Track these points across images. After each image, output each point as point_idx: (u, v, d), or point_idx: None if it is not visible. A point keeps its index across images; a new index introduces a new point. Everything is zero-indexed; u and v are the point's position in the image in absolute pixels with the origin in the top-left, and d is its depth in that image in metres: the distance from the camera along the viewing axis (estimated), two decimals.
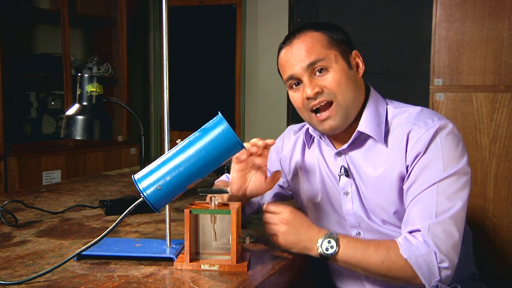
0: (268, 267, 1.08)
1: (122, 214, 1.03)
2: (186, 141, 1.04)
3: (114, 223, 1.03)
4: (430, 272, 1.07)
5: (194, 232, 1.09)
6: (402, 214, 1.19)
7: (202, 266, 1.05)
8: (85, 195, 1.81)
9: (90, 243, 1.04)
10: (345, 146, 1.26)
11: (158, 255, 1.09)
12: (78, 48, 3.86)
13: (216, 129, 1.01)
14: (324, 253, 1.11)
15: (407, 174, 1.17)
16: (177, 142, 1.05)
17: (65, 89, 3.31)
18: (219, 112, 1.04)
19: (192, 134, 1.04)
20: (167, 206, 1.13)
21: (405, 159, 1.18)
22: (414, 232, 1.12)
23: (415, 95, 3.39)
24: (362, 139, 1.25)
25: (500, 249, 2.66)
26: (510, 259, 2.65)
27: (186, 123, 4.13)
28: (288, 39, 1.26)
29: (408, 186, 1.17)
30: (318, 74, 1.21)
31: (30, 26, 3.55)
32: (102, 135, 1.45)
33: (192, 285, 0.97)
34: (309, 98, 1.21)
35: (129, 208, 1.04)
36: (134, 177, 1.04)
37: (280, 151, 1.46)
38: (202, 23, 4.24)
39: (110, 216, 1.52)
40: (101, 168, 3.53)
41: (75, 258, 1.09)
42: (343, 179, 1.27)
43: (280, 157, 1.45)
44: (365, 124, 1.23)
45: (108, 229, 1.02)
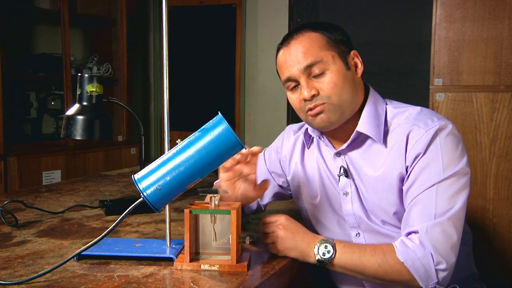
0: (268, 267, 1.08)
1: (122, 214, 1.03)
2: (186, 141, 1.04)
3: (114, 223, 1.03)
4: (427, 274, 1.07)
5: (194, 232, 1.09)
6: (402, 214, 1.18)
7: (202, 266, 1.05)
8: (85, 195, 1.81)
9: (90, 243, 1.04)
10: (344, 146, 1.26)
11: (158, 255, 1.09)
12: (78, 48, 3.86)
13: (216, 129, 1.01)
14: (321, 258, 1.12)
15: (407, 175, 1.17)
16: (177, 142, 1.05)
17: (65, 89, 3.31)
18: (219, 112, 1.04)
19: (192, 134, 1.04)
20: (167, 206, 1.13)
21: (404, 160, 1.18)
22: (412, 233, 1.12)
23: (415, 95, 3.39)
24: (361, 139, 1.25)
25: (500, 249, 2.66)
26: (510, 259, 2.65)
27: (186, 123, 4.13)
28: (286, 40, 1.25)
29: (407, 187, 1.17)
30: (315, 76, 1.20)
31: (30, 26, 3.55)
32: (102, 135, 1.45)
33: (192, 285, 0.97)
34: (306, 100, 1.21)
35: (129, 208, 1.04)
36: (134, 177, 1.04)
37: (279, 151, 1.46)
38: (202, 23, 4.24)
39: (110, 216, 1.52)
40: (101, 168, 3.53)
41: (75, 258, 1.09)
42: (343, 180, 1.27)
43: (279, 157, 1.45)
44: (364, 124, 1.22)
45: (108, 229, 1.02)
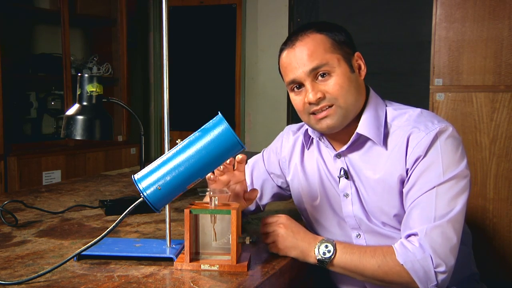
0: (268, 267, 1.08)
1: (122, 214, 1.03)
2: (186, 141, 1.04)
3: (114, 223, 1.03)
4: (426, 277, 1.08)
5: (194, 232, 1.09)
6: (403, 216, 1.18)
7: (202, 266, 1.05)
8: (85, 195, 1.81)
9: (90, 243, 1.04)
10: (344, 148, 1.26)
11: (158, 255, 1.09)
12: (78, 48, 3.86)
13: (216, 129, 1.01)
14: (321, 257, 1.12)
15: (407, 177, 1.17)
16: (177, 142, 1.05)
17: (65, 89, 3.31)
18: (219, 112, 1.04)
19: (192, 134, 1.04)
20: (167, 206, 1.13)
21: (405, 162, 1.17)
22: (411, 236, 1.12)
23: (415, 95, 3.39)
24: (361, 141, 1.25)
25: (500, 249, 2.66)
26: (510, 259, 2.65)
27: (186, 123, 4.13)
28: (290, 41, 1.24)
29: (407, 189, 1.17)
30: (320, 78, 1.20)
31: (30, 26, 3.55)
32: (102, 135, 1.45)
33: (192, 285, 0.97)
34: (311, 103, 1.20)
35: (129, 208, 1.04)
36: (134, 177, 1.04)
37: (279, 152, 1.45)
38: (202, 23, 4.24)
39: (110, 216, 1.52)
40: (101, 168, 3.53)
41: (75, 258, 1.09)
42: (343, 181, 1.27)
43: (279, 158, 1.45)
44: (364, 126, 1.22)
45: (108, 229, 1.02)
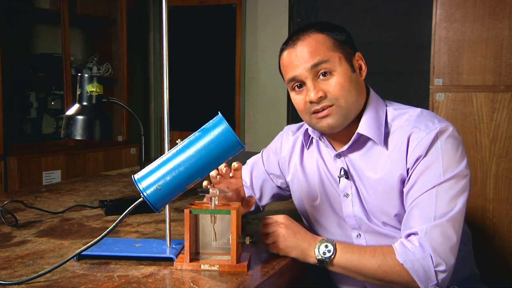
0: (268, 267, 1.08)
1: (122, 214, 1.03)
2: (186, 141, 1.04)
3: (114, 223, 1.03)
4: (426, 276, 1.08)
5: (194, 232, 1.09)
6: (403, 216, 1.18)
7: (202, 266, 1.05)
8: (85, 195, 1.81)
9: (90, 243, 1.04)
10: (344, 148, 1.25)
11: (158, 255, 1.09)
12: (78, 48, 3.86)
13: (216, 129, 1.01)
14: (321, 257, 1.12)
15: (408, 177, 1.17)
16: (177, 142, 1.05)
17: (65, 89, 3.31)
18: (219, 112, 1.04)
19: (192, 134, 1.04)
20: (167, 206, 1.13)
21: (405, 162, 1.17)
22: (411, 235, 1.12)
23: (415, 95, 3.39)
24: (362, 141, 1.25)
25: (500, 249, 2.66)
26: (510, 259, 2.65)
27: (186, 123, 4.13)
28: (291, 41, 1.23)
29: (408, 189, 1.17)
30: (321, 77, 1.19)
31: (30, 26, 3.55)
32: (102, 135, 1.45)
33: (192, 285, 0.97)
34: (312, 102, 1.20)
35: (129, 208, 1.04)
36: (134, 177, 1.04)
37: (278, 152, 1.45)
38: (202, 23, 4.24)
39: (110, 216, 1.52)
40: (101, 168, 3.53)
41: (75, 258, 1.09)
42: (343, 181, 1.27)
43: (278, 158, 1.45)
44: (364, 126, 1.22)
45: (108, 229, 1.03)
